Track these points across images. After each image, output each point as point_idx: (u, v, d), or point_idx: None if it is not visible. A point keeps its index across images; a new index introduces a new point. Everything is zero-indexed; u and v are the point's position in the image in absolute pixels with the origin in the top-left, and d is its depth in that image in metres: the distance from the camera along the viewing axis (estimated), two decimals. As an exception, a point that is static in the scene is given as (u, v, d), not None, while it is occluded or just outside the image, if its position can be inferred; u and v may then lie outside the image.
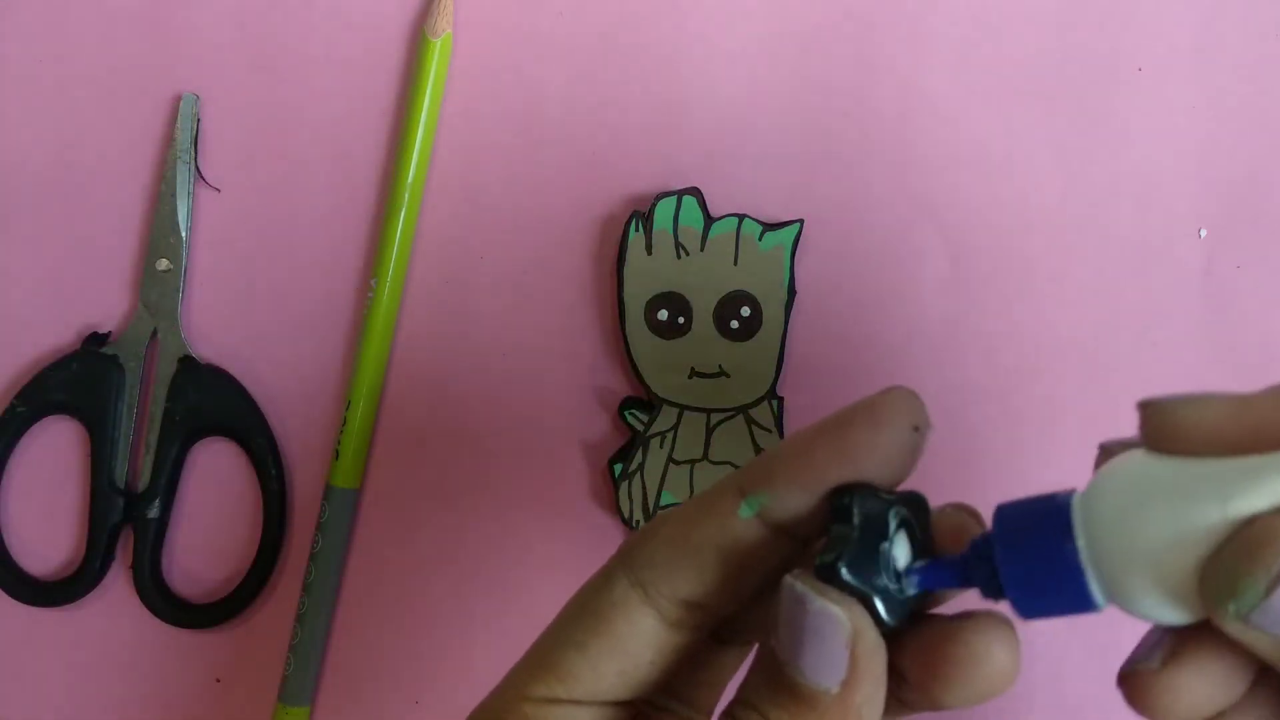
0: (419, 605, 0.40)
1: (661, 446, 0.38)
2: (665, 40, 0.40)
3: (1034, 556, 0.21)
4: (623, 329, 0.38)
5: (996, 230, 0.40)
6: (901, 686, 0.23)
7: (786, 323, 0.38)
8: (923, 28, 0.40)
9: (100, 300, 0.40)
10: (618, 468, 0.38)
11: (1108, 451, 0.23)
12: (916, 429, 0.22)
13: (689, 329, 0.38)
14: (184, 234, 0.40)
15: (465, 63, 0.40)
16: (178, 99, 0.40)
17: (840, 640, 0.21)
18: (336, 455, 0.39)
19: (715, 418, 0.38)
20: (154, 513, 0.39)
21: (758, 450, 0.38)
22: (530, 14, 0.40)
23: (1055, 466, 0.39)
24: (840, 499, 0.22)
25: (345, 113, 0.40)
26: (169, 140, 0.40)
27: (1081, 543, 0.21)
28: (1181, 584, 0.21)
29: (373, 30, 0.40)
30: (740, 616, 0.25)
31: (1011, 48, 0.40)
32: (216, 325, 0.40)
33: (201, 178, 0.40)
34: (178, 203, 0.40)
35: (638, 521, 0.38)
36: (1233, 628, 0.20)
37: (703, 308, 0.38)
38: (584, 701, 0.24)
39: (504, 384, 0.40)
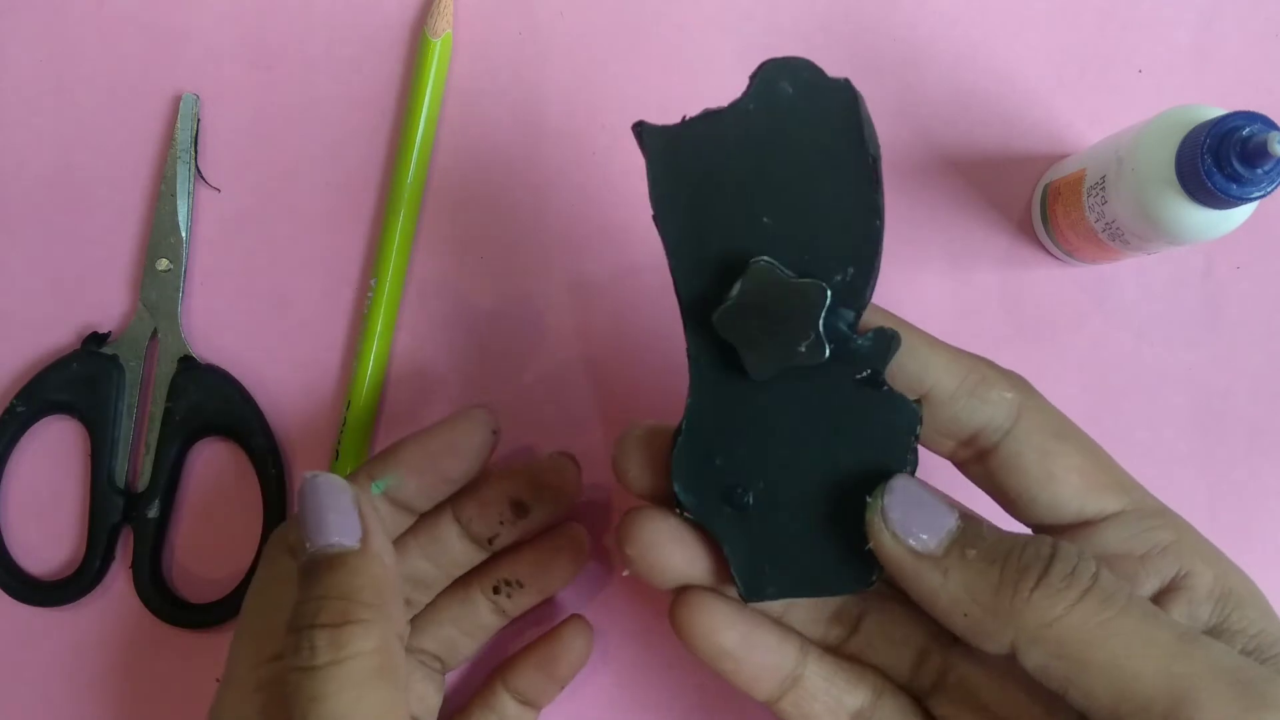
0: (419, 605, 0.40)
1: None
2: (665, 40, 0.40)
3: None
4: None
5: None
6: None
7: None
8: (920, 29, 0.40)
9: (100, 300, 0.40)
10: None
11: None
12: (495, 432, 0.33)
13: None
14: (184, 234, 0.40)
15: (465, 63, 0.40)
16: (178, 99, 0.40)
17: (348, 500, 0.27)
18: (336, 455, 0.39)
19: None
20: (154, 513, 0.39)
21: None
22: (530, 14, 0.40)
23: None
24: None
25: (345, 113, 0.40)
26: (169, 140, 0.40)
27: None
28: None
29: (373, 30, 0.40)
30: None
31: (1011, 50, 0.40)
32: (216, 325, 0.40)
33: (201, 178, 0.40)
34: (178, 203, 0.40)
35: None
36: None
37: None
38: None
39: (503, 384, 0.40)
